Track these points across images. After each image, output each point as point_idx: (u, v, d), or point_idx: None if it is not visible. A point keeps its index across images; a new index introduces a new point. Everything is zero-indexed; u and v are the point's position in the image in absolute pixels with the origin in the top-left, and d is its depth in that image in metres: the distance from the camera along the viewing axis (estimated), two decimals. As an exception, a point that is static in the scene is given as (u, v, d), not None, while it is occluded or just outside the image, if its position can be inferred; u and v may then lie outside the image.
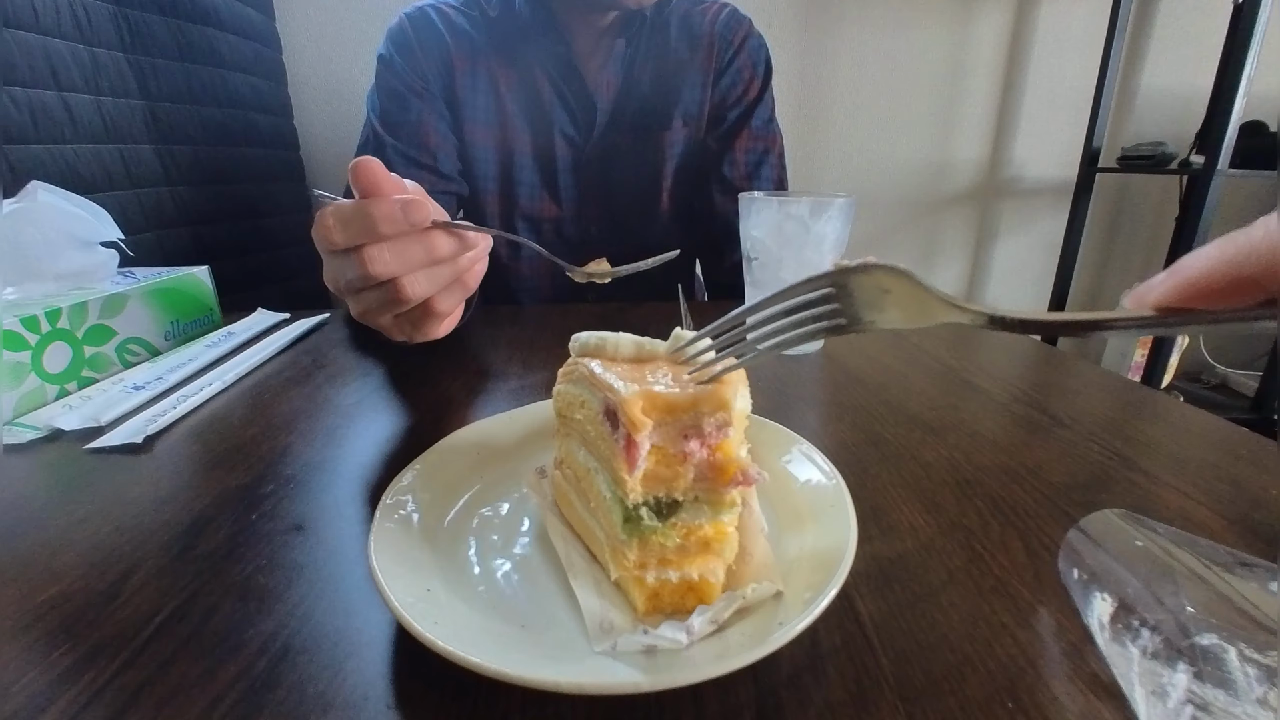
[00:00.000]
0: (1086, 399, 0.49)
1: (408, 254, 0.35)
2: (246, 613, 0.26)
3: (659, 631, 0.21)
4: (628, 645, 0.20)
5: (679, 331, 0.26)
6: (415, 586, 0.23)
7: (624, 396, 0.21)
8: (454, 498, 0.30)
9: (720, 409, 0.22)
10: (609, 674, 0.19)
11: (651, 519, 0.22)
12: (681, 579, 0.23)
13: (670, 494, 0.23)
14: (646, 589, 0.23)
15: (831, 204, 0.52)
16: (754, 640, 0.20)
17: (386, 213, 0.33)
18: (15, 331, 0.43)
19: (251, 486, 0.35)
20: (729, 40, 0.80)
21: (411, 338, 0.41)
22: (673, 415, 0.22)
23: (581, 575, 0.25)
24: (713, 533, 0.23)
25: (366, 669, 0.23)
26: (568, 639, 0.22)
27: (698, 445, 0.22)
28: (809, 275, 0.21)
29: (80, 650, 0.24)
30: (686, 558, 0.23)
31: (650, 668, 0.19)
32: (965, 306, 0.19)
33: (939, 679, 0.23)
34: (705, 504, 0.23)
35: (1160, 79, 1.60)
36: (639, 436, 0.21)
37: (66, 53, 0.78)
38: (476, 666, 0.19)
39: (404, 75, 0.72)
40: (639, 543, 0.22)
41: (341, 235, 0.34)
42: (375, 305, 0.38)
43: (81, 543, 0.30)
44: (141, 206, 0.88)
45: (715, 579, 0.23)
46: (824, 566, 0.23)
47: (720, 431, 0.22)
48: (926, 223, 1.70)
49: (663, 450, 0.22)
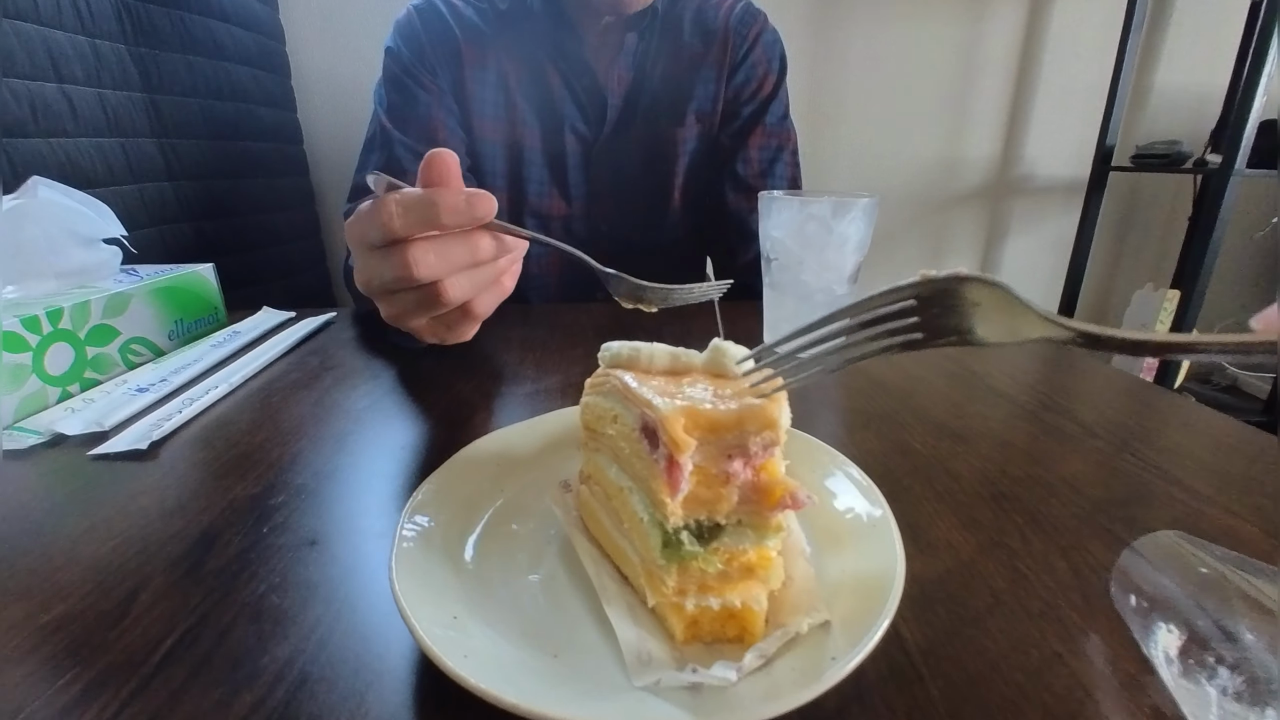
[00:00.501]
0: (1110, 403, 0.48)
1: (452, 255, 0.34)
2: (261, 636, 0.24)
3: (709, 671, 0.19)
4: (671, 682, 0.19)
5: (717, 343, 0.24)
6: (441, 614, 0.22)
7: (665, 414, 0.20)
8: (475, 514, 0.29)
9: (767, 427, 0.20)
10: (654, 713, 0.18)
11: (693, 543, 0.21)
12: (723, 606, 0.21)
13: (712, 517, 0.21)
14: (685, 616, 0.22)
15: (855, 204, 0.50)
16: (805, 677, 0.19)
17: (452, 204, 0.33)
18: (16, 332, 0.42)
19: (262, 497, 0.34)
20: (743, 35, 0.79)
21: (445, 340, 0.41)
22: (716, 434, 0.21)
23: (615, 600, 0.23)
24: (756, 558, 0.22)
25: (389, 699, 0.22)
26: (604, 670, 0.21)
27: (741, 465, 0.21)
28: (892, 285, 0.20)
29: (87, 677, 0.22)
30: (728, 584, 0.22)
31: (696, 708, 0.18)
32: (1064, 324, 0.17)
33: (994, 712, 0.21)
34: (749, 528, 0.21)
35: (1176, 76, 1.58)
36: (682, 458, 0.20)
37: (67, 44, 0.76)
38: (513, 707, 0.17)
39: (412, 69, 0.71)
40: (679, 569, 0.21)
41: (401, 222, 0.33)
42: (412, 307, 0.37)
43: (87, 557, 0.29)
44: (144, 201, 0.86)
45: (759, 606, 0.22)
46: (870, 593, 0.22)
47: (766, 451, 0.21)
48: (936, 220, 1.68)
49: (705, 470, 0.21)
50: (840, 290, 0.54)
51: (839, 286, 0.54)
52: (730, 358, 0.24)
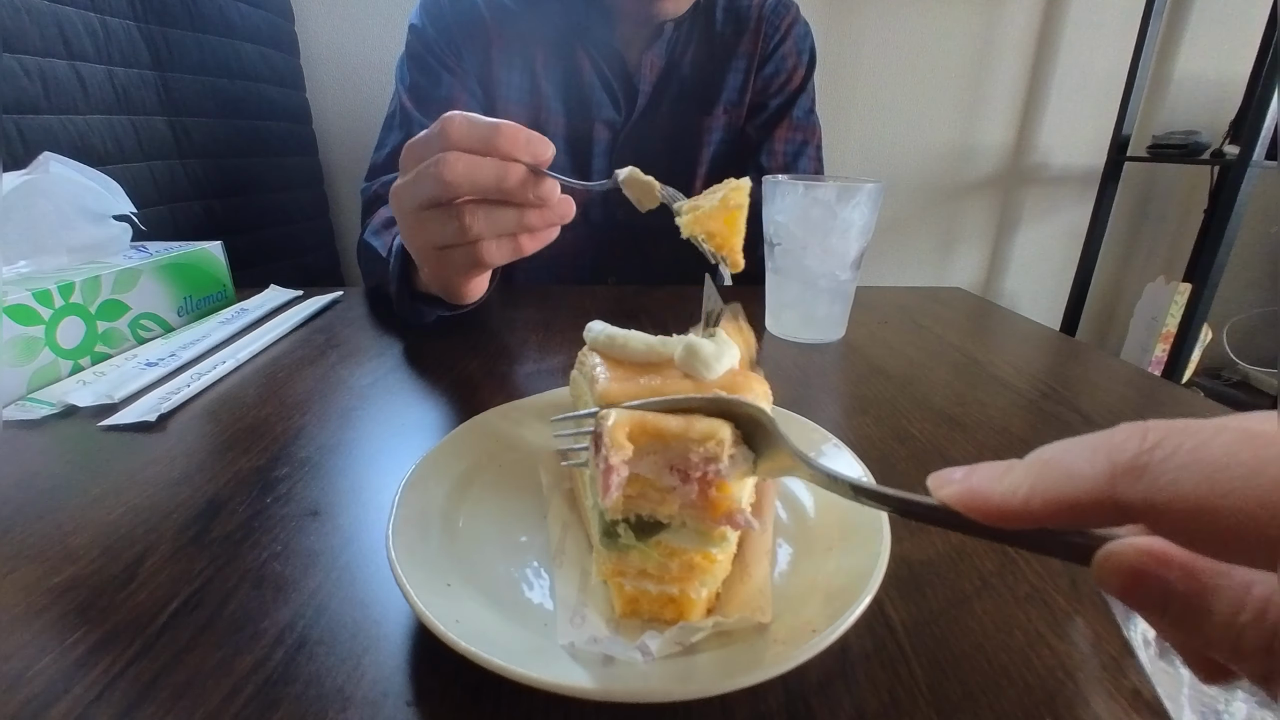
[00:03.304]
0: (1113, 395, 0.48)
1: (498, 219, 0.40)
2: (262, 601, 0.25)
3: (625, 643, 0.20)
4: (586, 647, 0.20)
5: (691, 342, 0.24)
6: (435, 581, 0.22)
7: (608, 425, 0.20)
8: (472, 487, 0.29)
9: (708, 439, 0.20)
10: (637, 681, 0.19)
11: (629, 536, 0.21)
12: (661, 592, 0.22)
13: (654, 515, 0.21)
14: (625, 594, 0.22)
15: (860, 189, 0.50)
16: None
17: (512, 134, 0.37)
18: (28, 306, 0.42)
19: (266, 469, 0.35)
20: (776, 25, 0.77)
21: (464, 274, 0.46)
22: (662, 442, 0.20)
23: (571, 566, 0.24)
24: (699, 560, 0.21)
25: (385, 662, 0.22)
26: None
27: (679, 480, 0.20)
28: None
29: (94, 637, 0.23)
30: (667, 574, 0.22)
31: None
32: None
33: (975, 690, 0.22)
34: (693, 530, 0.21)
35: (1197, 64, 1.54)
36: (615, 461, 0.19)
37: (78, 20, 0.76)
38: (501, 669, 0.18)
39: (436, 48, 0.70)
40: (617, 555, 0.22)
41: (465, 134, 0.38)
42: (461, 267, 0.43)
43: (96, 523, 0.30)
44: (153, 179, 0.87)
45: (697, 596, 0.22)
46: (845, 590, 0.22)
47: (708, 465, 0.20)
48: (947, 208, 1.67)
49: (645, 480, 0.21)
50: (843, 276, 0.54)
51: (842, 272, 0.54)
52: (702, 360, 0.23)
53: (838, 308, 0.56)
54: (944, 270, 1.73)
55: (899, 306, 0.69)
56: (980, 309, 0.72)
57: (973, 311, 0.71)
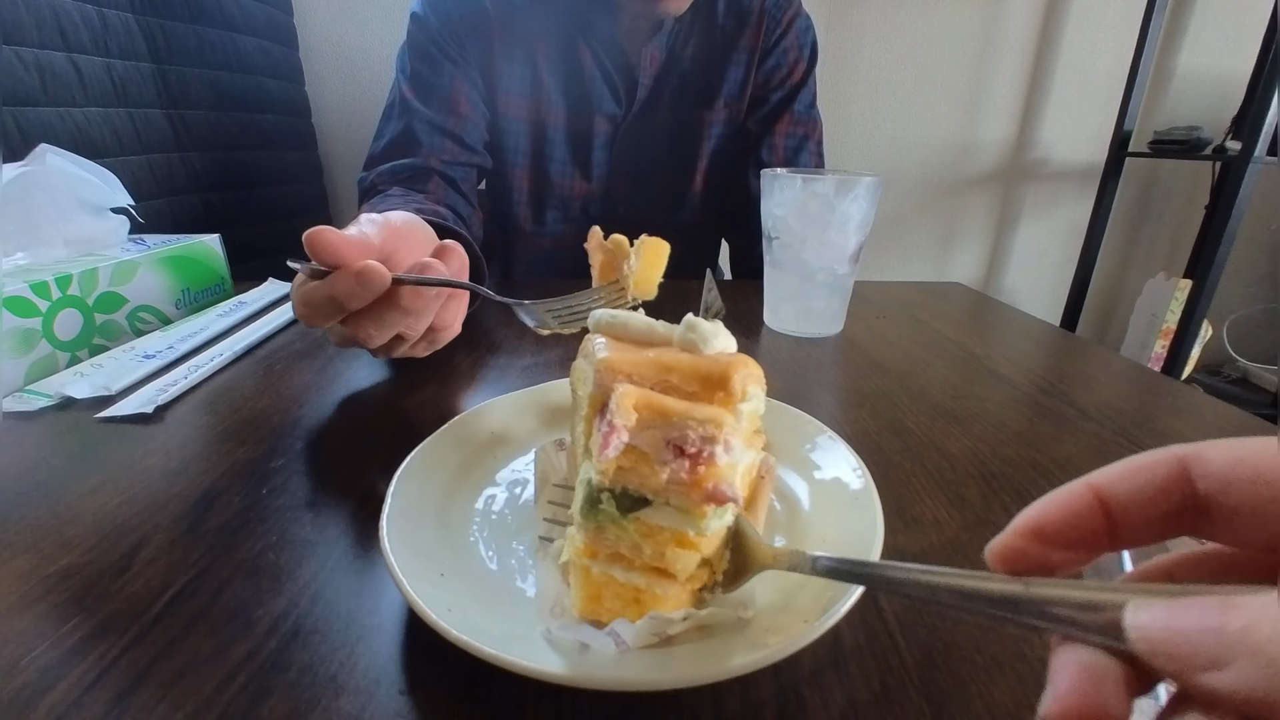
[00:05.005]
0: (1111, 390, 0.48)
1: (386, 320, 0.38)
2: (257, 590, 0.25)
3: (598, 631, 0.20)
4: (562, 634, 0.20)
5: (690, 319, 0.24)
6: (428, 571, 0.22)
7: (618, 394, 0.20)
8: (466, 479, 0.30)
9: (709, 421, 0.20)
10: (627, 670, 0.19)
11: (610, 506, 0.21)
12: (627, 583, 0.21)
13: (640, 489, 0.21)
14: (590, 581, 0.22)
15: (858, 183, 0.50)
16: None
17: (346, 290, 0.35)
18: (26, 298, 0.42)
19: (262, 460, 0.35)
20: (777, 19, 0.77)
21: (436, 345, 0.45)
22: (665, 419, 0.20)
23: (555, 557, 0.24)
24: (672, 547, 0.21)
25: (379, 651, 0.22)
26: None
27: (673, 455, 0.20)
28: None
29: (90, 624, 0.23)
30: (639, 559, 0.21)
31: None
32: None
33: (966, 681, 0.22)
34: (676, 509, 0.21)
35: (1199, 60, 1.54)
36: (618, 424, 0.20)
37: (75, 12, 0.76)
38: (493, 658, 0.18)
39: (438, 38, 0.69)
40: (594, 529, 0.21)
41: (320, 319, 0.37)
42: (384, 351, 0.41)
43: (92, 513, 0.30)
44: (152, 172, 0.87)
45: (663, 593, 0.21)
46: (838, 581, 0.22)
47: (704, 444, 0.20)
48: (947, 204, 1.66)
49: (641, 453, 0.21)
50: (841, 270, 0.54)
51: (840, 266, 0.54)
52: (700, 335, 0.23)
53: (836, 302, 0.56)
54: (944, 265, 1.73)
55: (898, 301, 0.69)
56: (980, 304, 0.72)
57: (972, 307, 0.71)
